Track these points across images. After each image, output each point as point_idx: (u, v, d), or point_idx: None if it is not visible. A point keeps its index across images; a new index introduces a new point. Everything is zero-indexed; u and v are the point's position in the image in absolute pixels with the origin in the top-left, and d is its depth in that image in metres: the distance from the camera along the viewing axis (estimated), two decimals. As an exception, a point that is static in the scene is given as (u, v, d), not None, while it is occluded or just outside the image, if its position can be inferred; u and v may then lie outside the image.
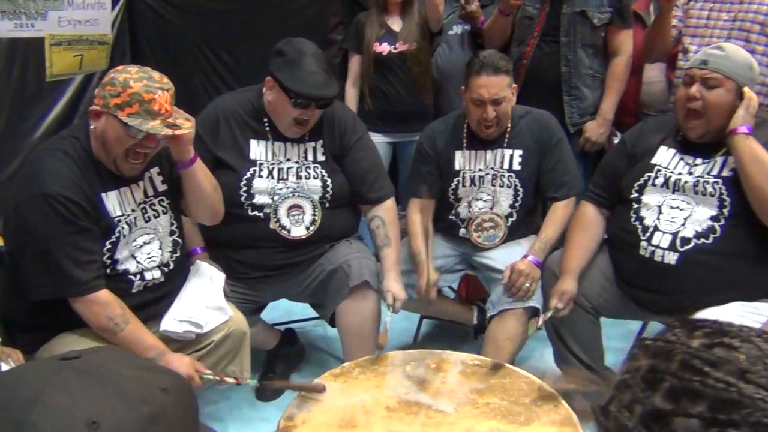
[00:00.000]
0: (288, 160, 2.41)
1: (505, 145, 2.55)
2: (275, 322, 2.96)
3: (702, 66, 2.11)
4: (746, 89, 2.09)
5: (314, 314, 2.80)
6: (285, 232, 2.39)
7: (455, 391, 1.87)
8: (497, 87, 2.40)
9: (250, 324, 2.33)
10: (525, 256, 2.42)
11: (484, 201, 2.58)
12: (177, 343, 2.09)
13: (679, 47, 2.80)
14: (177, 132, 1.88)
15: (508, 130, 2.55)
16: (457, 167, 2.59)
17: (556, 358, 2.47)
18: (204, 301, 2.14)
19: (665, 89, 3.06)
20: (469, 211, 2.59)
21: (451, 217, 2.63)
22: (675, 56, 2.86)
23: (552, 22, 2.91)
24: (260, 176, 2.38)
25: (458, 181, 2.59)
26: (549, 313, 2.25)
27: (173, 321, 2.07)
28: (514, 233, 2.60)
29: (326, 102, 2.30)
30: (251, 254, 2.41)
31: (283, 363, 2.77)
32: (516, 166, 2.55)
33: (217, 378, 2.02)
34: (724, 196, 2.10)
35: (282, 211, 2.39)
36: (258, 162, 2.39)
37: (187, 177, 2.08)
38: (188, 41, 3.40)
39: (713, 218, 2.11)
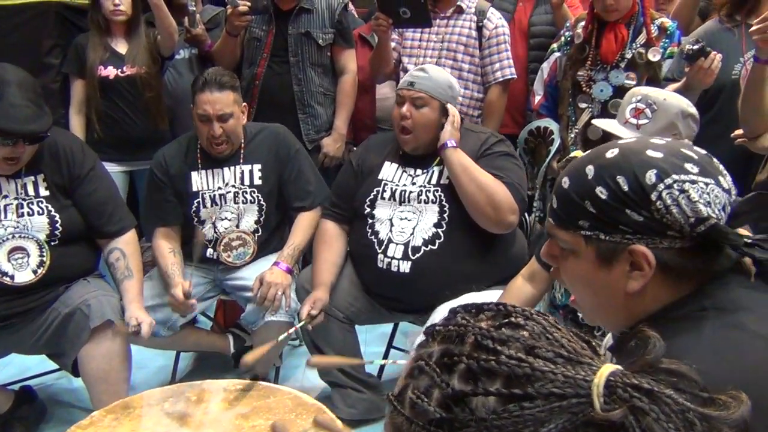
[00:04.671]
0: (5, 197, 2.16)
1: (241, 161, 2.54)
2: (8, 382, 2.62)
3: (410, 87, 2.31)
4: (449, 106, 2.32)
5: (54, 366, 2.52)
6: (8, 279, 2.13)
7: (219, 420, 1.80)
8: (222, 103, 2.40)
9: (-27, 388, 2.03)
10: (275, 263, 2.41)
11: (229, 220, 2.54)
12: None
13: (400, 67, 3.04)
14: None
15: (243, 146, 2.54)
16: (194, 188, 2.53)
17: (319, 372, 2.50)
18: None
19: None
20: (215, 232, 2.54)
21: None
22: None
23: (280, 43, 2.97)
24: None
25: (198, 202, 2.53)
26: (302, 323, 2.27)
27: None
28: (264, 249, 2.58)
29: (37, 138, 2.11)
30: None
31: (20, 426, 2.44)
32: (257, 181, 2.55)
33: None
34: (444, 202, 2.28)
35: (1, 256, 2.13)
36: None
37: None
38: None
39: (436, 225, 2.28)
